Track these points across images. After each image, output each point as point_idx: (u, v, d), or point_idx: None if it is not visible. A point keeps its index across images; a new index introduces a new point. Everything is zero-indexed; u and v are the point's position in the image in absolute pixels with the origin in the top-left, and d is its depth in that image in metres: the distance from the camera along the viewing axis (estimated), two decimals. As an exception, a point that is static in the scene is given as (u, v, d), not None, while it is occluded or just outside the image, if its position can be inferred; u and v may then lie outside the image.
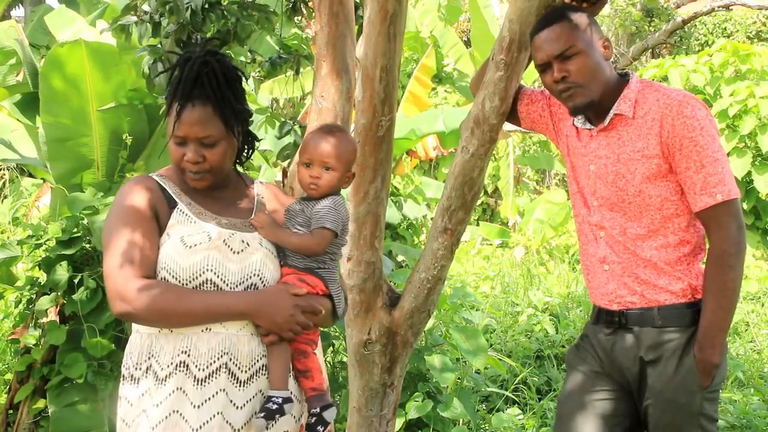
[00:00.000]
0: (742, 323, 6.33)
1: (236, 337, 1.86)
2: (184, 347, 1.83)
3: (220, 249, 1.87)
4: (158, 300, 1.79)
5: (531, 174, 13.31)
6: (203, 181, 1.93)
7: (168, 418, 1.80)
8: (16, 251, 3.99)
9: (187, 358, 1.82)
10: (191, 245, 1.85)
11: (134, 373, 1.87)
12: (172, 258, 1.84)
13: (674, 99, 2.12)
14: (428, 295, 2.43)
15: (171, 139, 1.90)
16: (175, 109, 1.88)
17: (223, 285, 1.86)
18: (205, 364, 1.83)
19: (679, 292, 2.15)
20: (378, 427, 2.52)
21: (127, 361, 1.90)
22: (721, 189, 2.07)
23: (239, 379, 1.85)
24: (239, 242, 1.91)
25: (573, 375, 2.33)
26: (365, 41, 2.23)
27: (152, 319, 1.82)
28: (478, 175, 2.32)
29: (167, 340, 1.84)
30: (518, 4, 2.17)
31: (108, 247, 1.84)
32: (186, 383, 1.81)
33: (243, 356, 1.86)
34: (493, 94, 2.25)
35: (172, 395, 1.81)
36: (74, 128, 4.28)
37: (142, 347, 1.87)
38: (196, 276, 1.83)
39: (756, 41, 15.82)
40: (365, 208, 2.37)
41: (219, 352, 1.84)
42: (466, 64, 11.63)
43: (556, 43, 2.13)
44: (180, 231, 1.87)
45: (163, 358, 1.83)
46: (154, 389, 1.83)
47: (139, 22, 2.94)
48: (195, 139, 1.89)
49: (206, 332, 1.84)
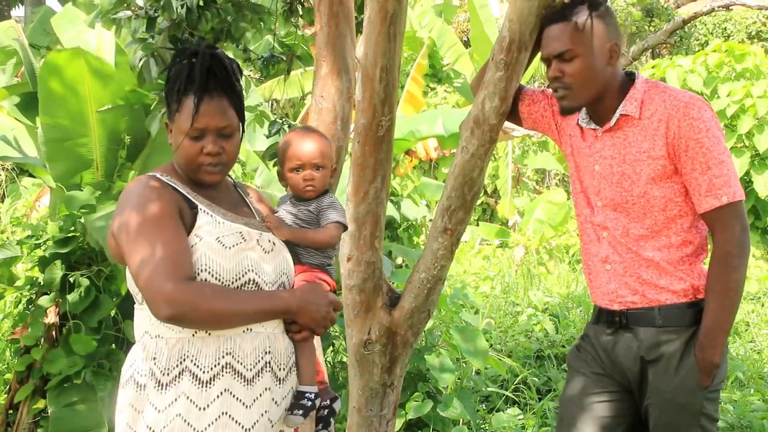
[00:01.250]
0: (742, 323, 6.33)
1: (274, 336, 1.87)
2: (228, 348, 1.80)
3: (255, 249, 1.88)
4: (210, 301, 1.74)
5: (531, 174, 13.30)
6: (219, 175, 1.91)
7: (218, 420, 1.76)
8: (15, 251, 3.98)
9: (232, 360, 1.80)
10: (230, 246, 1.83)
11: (162, 378, 1.79)
12: (212, 259, 1.80)
13: (680, 100, 2.12)
14: (428, 295, 2.42)
15: (186, 134, 1.84)
16: (193, 102, 1.83)
17: (263, 284, 1.86)
18: (251, 364, 1.82)
19: (680, 292, 2.14)
20: (378, 427, 2.52)
21: (149, 367, 1.81)
22: (726, 191, 2.07)
23: (279, 377, 1.87)
24: (267, 242, 1.92)
25: (574, 377, 2.33)
26: (365, 41, 2.23)
27: (204, 320, 1.76)
28: (478, 175, 2.32)
29: (205, 342, 1.79)
30: (518, 4, 2.17)
31: (138, 252, 1.75)
32: (234, 384, 1.79)
33: (281, 354, 1.88)
34: (493, 94, 2.25)
35: (220, 397, 1.78)
36: (73, 129, 4.27)
37: (171, 352, 1.79)
38: (239, 276, 1.82)
39: (756, 41, 15.82)
40: (365, 208, 2.37)
41: (262, 351, 1.84)
42: (465, 64, 11.63)
43: (556, 43, 2.14)
44: (212, 232, 1.83)
45: (204, 361, 1.78)
46: (196, 393, 1.77)
47: (133, 17, 2.93)
48: (215, 130, 1.86)
49: (248, 332, 1.83)
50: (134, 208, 1.80)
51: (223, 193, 1.98)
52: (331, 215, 2.02)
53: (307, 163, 2.02)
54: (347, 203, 2.39)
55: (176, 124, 1.87)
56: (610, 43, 2.15)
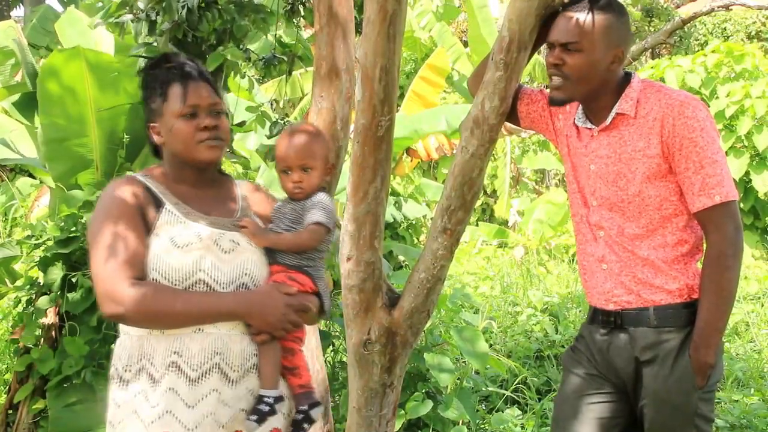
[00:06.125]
0: (742, 323, 6.33)
1: (228, 337, 1.86)
2: (176, 348, 1.82)
3: (210, 249, 1.87)
4: (150, 301, 1.77)
5: (530, 174, 13.31)
6: (219, 150, 1.94)
7: (161, 419, 1.79)
8: (15, 251, 3.98)
9: (179, 359, 1.81)
10: (182, 245, 1.84)
11: (123, 375, 1.85)
12: (162, 259, 1.82)
13: (676, 99, 2.12)
14: (428, 295, 2.42)
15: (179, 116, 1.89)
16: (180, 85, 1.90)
17: (215, 285, 1.85)
18: (197, 364, 1.82)
19: (675, 291, 2.14)
20: (378, 427, 2.52)
21: (115, 363, 1.88)
22: (719, 190, 2.07)
23: (230, 378, 1.85)
24: (229, 242, 1.91)
25: (569, 378, 2.33)
26: (365, 41, 2.23)
27: (144, 320, 1.81)
28: (477, 175, 2.32)
29: (159, 341, 1.83)
30: (517, 4, 2.17)
31: (95, 247, 1.82)
32: (178, 383, 1.81)
33: (234, 356, 1.86)
34: (492, 94, 2.25)
35: (165, 395, 1.80)
36: (72, 129, 4.28)
37: (132, 349, 1.85)
38: (188, 276, 1.83)
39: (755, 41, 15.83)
40: (365, 208, 2.36)
41: (211, 352, 1.83)
42: (464, 65, 11.63)
43: (565, 32, 2.13)
44: (169, 231, 1.86)
45: (157, 360, 1.82)
46: (150, 390, 1.82)
47: (134, 20, 2.93)
48: (207, 107, 1.91)
49: (198, 333, 1.84)
50: (98, 208, 1.88)
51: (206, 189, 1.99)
52: (312, 216, 1.98)
53: (295, 166, 2.01)
54: (347, 203, 2.39)
55: (165, 114, 1.92)
56: (618, 49, 2.15)
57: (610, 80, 2.19)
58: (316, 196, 2.03)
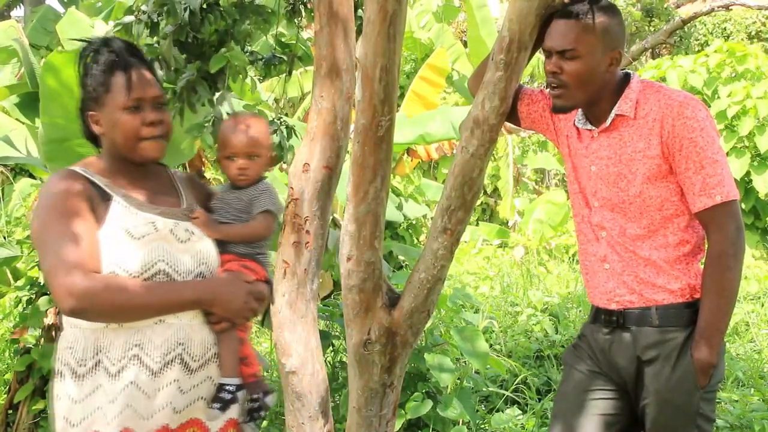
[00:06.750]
0: (742, 323, 6.33)
1: (189, 327, 1.85)
2: (137, 340, 1.79)
3: (167, 239, 1.85)
4: (112, 295, 1.73)
5: (530, 174, 13.31)
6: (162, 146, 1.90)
7: (122, 413, 1.76)
8: (15, 251, 3.98)
9: (140, 351, 1.79)
10: (138, 237, 1.81)
11: (77, 369, 1.80)
12: (120, 250, 1.79)
13: (675, 100, 2.12)
14: (428, 295, 2.42)
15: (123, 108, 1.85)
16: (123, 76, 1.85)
17: (175, 275, 1.83)
18: (159, 355, 1.80)
19: (677, 291, 2.15)
20: (378, 427, 2.52)
21: (65, 357, 1.83)
22: (720, 190, 2.07)
23: (191, 368, 1.84)
24: (184, 231, 1.89)
25: (570, 374, 2.34)
26: (365, 41, 2.23)
27: (106, 313, 1.76)
28: (477, 175, 2.32)
29: (117, 334, 1.79)
30: (518, 4, 2.17)
31: (45, 244, 1.76)
32: (139, 376, 1.78)
33: (196, 346, 1.85)
34: (492, 94, 2.25)
35: (127, 389, 1.77)
36: (72, 129, 4.26)
37: (86, 343, 1.80)
38: (148, 268, 1.80)
39: (756, 41, 15.83)
40: (365, 208, 2.36)
41: (174, 343, 1.82)
42: (464, 65, 11.63)
43: (561, 39, 2.12)
44: (122, 223, 1.82)
45: (114, 354, 1.79)
46: (108, 386, 1.78)
47: (137, 22, 2.93)
48: (151, 99, 1.87)
49: (159, 324, 1.82)
50: (42, 203, 1.82)
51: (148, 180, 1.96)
52: (260, 204, 1.98)
53: (240, 152, 2.01)
54: (347, 203, 2.39)
55: (107, 104, 1.87)
56: (614, 51, 2.15)
57: (609, 82, 2.19)
58: (261, 184, 2.03)
